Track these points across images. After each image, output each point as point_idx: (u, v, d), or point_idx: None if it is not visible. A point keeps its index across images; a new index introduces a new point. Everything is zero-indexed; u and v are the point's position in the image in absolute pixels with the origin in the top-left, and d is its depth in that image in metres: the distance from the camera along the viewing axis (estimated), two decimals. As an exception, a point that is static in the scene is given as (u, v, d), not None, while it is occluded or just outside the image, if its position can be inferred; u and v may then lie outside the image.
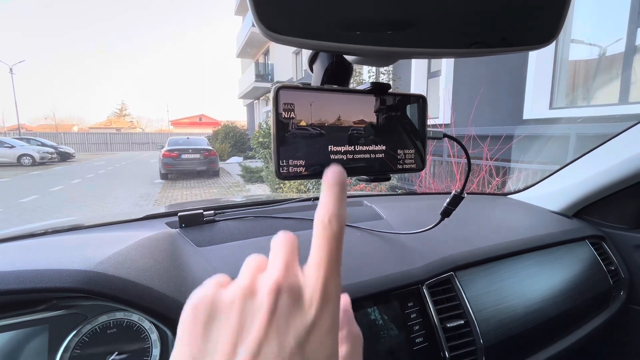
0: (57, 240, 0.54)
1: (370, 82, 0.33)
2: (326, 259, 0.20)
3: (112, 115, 52.38)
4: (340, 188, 0.21)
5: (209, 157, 8.64)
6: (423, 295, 0.57)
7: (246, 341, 0.17)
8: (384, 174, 0.34)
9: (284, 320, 0.18)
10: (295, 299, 0.19)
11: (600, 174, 0.87)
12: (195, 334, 0.18)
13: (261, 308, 0.18)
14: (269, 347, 0.17)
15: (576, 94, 3.53)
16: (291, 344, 0.17)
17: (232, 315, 0.18)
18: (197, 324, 0.18)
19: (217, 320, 0.18)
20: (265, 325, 0.17)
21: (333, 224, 0.20)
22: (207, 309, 0.19)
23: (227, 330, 0.18)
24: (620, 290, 0.86)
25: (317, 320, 0.18)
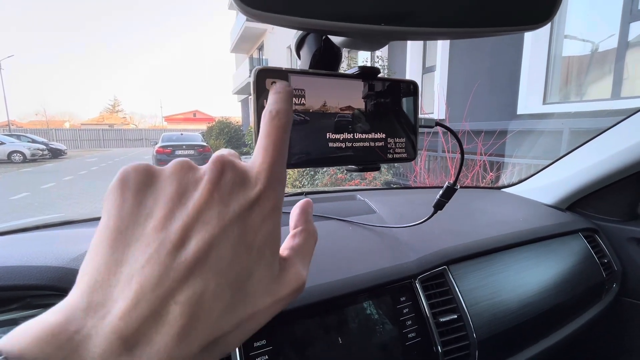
0: (35, 236, 0.52)
1: (359, 66, 0.31)
2: (272, 145, 0.19)
3: (104, 111, 51.69)
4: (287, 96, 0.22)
5: (204, 154, 8.57)
6: (416, 289, 0.56)
7: (184, 207, 0.16)
8: (373, 163, 0.32)
9: (226, 192, 0.17)
10: (239, 176, 0.18)
11: (593, 166, 0.87)
12: (124, 201, 0.16)
13: (204, 178, 0.17)
14: (208, 213, 0.16)
15: (569, 89, 3.54)
16: (232, 213, 0.17)
17: (171, 183, 0.17)
18: (127, 190, 0.16)
19: (152, 188, 0.17)
20: (207, 194, 0.17)
21: (280, 116, 0.20)
22: (140, 176, 0.17)
23: (164, 197, 0.16)
24: (612, 282, 0.86)
25: (261, 198, 0.18)
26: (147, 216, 0.16)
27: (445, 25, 0.28)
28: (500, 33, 0.29)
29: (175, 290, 0.14)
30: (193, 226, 0.16)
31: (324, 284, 0.49)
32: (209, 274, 0.15)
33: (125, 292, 0.14)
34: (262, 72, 0.26)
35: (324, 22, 0.25)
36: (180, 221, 0.15)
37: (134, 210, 0.16)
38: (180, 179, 0.17)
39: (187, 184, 0.17)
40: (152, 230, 0.15)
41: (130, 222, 0.15)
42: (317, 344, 0.46)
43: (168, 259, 0.15)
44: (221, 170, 0.18)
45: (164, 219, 0.16)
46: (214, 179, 0.17)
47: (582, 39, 3.41)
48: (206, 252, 0.15)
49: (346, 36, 0.32)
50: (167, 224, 0.15)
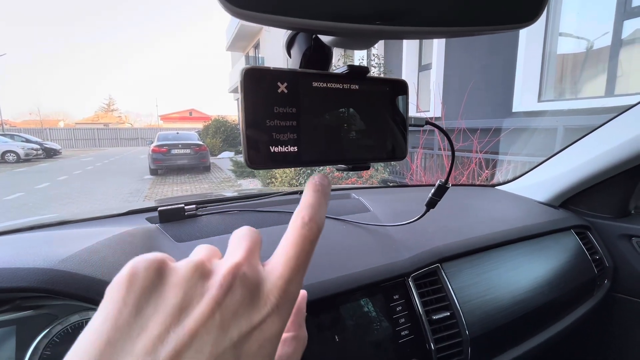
0: (27, 237, 0.52)
1: (348, 65, 0.31)
2: (296, 258, 0.18)
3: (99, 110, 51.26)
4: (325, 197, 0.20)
5: (200, 152, 8.52)
6: (409, 287, 0.56)
7: (181, 327, 0.15)
8: (362, 162, 0.32)
9: (230, 314, 0.16)
10: (249, 291, 0.17)
11: (585, 164, 0.88)
12: (125, 304, 0.15)
13: (210, 293, 0.16)
14: (203, 341, 0.15)
15: (564, 86, 3.57)
16: (229, 342, 0.16)
17: (176, 293, 0.16)
18: (132, 292, 0.15)
19: (156, 294, 0.16)
20: (208, 314, 0.15)
21: (312, 226, 0.19)
22: (149, 278, 0.16)
23: (164, 308, 0.15)
24: (604, 279, 0.87)
25: (265, 322, 0.17)
26: (141, 329, 0.15)
27: (436, 24, 0.28)
28: (490, 32, 0.29)
29: None
30: (184, 352, 0.15)
31: (317, 283, 0.50)
32: None
33: None
34: (250, 72, 0.26)
35: (314, 21, 0.25)
36: (172, 345, 0.15)
37: (130, 319, 0.15)
38: (187, 289, 0.16)
39: (192, 296, 0.16)
40: (142, 351, 0.14)
41: (123, 333, 0.15)
42: (310, 343, 0.46)
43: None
44: (230, 286, 0.16)
45: (157, 339, 0.15)
46: (219, 298, 0.16)
47: (577, 37, 3.43)
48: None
49: (337, 35, 0.32)
50: (158, 346, 0.15)
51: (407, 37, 0.31)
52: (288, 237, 0.19)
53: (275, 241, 0.56)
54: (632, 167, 0.82)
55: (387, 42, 5.93)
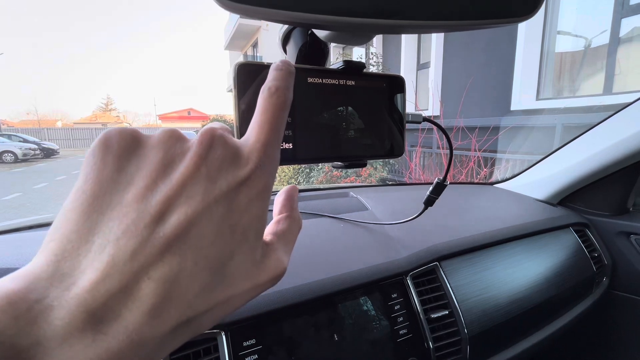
0: (23, 236, 0.51)
1: (343, 61, 0.31)
2: (269, 123, 0.19)
3: (97, 109, 51.05)
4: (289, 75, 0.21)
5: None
6: (407, 286, 0.56)
7: (169, 179, 0.15)
8: (359, 159, 0.32)
9: (214, 168, 0.16)
10: (229, 153, 0.17)
11: (583, 162, 0.87)
12: (105, 165, 0.15)
13: (192, 150, 0.16)
14: (193, 188, 0.15)
15: (562, 85, 3.57)
16: (218, 191, 0.16)
17: (156, 152, 0.16)
18: (109, 154, 0.15)
19: (135, 155, 0.16)
20: (194, 167, 0.16)
21: (280, 93, 0.20)
22: (124, 141, 0.16)
23: (147, 165, 0.15)
24: (603, 276, 0.87)
25: (251, 178, 0.17)
26: (127, 184, 0.15)
27: (433, 19, 0.27)
28: (488, 26, 0.29)
29: (149, 265, 0.13)
30: (176, 200, 0.15)
31: (315, 282, 0.49)
32: (188, 252, 0.14)
33: (95, 263, 0.13)
34: (243, 67, 0.26)
35: (310, 15, 0.24)
36: (162, 193, 0.15)
37: (114, 175, 0.15)
38: (167, 148, 0.16)
39: (173, 155, 0.16)
40: (132, 199, 0.14)
41: (108, 189, 0.14)
42: (307, 342, 0.46)
43: (145, 232, 0.14)
44: (210, 144, 0.16)
45: (145, 189, 0.15)
46: (202, 153, 0.16)
47: (575, 35, 3.43)
48: (187, 228, 0.14)
49: (333, 30, 0.31)
50: (148, 194, 0.14)
51: (404, 31, 0.30)
52: (259, 107, 0.20)
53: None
54: (631, 164, 0.82)
55: (385, 40, 5.92)
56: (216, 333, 0.41)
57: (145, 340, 0.13)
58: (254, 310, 0.43)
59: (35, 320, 0.12)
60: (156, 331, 0.13)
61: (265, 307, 0.44)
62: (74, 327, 0.12)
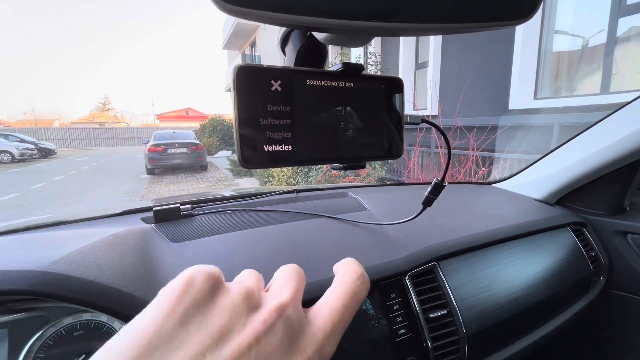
0: (21, 238, 0.51)
1: (342, 63, 0.31)
2: (341, 311, 0.18)
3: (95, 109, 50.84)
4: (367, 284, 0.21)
5: (196, 151, 8.49)
6: (406, 286, 0.56)
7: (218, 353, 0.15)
8: (358, 161, 0.32)
9: (268, 351, 0.16)
10: (289, 335, 0.17)
11: (580, 161, 0.88)
12: (174, 313, 0.15)
13: (252, 327, 0.16)
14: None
15: (560, 84, 3.58)
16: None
17: (222, 317, 0.16)
18: (183, 302, 0.16)
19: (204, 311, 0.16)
20: (246, 348, 0.15)
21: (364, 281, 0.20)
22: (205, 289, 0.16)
23: (207, 329, 0.15)
24: (600, 275, 0.87)
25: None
26: (182, 342, 0.15)
27: (431, 21, 0.28)
28: (485, 28, 0.29)
29: None
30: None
31: (313, 282, 0.49)
32: None
33: None
34: (243, 70, 0.26)
35: (309, 18, 0.25)
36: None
37: (174, 330, 0.15)
38: (233, 316, 0.16)
39: (235, 325, 0.16)
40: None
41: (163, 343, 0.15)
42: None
43: None
44: (273, 324, 0.16)
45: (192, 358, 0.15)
46: (259, 334, 0.16)
47: (572, 34, 3.44)
48: None
49: (331, 33, 0.31)
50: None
51: (403, 34, 0.31)
52: (337, 288, 0.19)
53: (272, 240, 0.57)
54: (628, 164, 0.83)
55: (383, 40, 5.92)
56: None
57: None
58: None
59: None
60: None
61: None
62: None
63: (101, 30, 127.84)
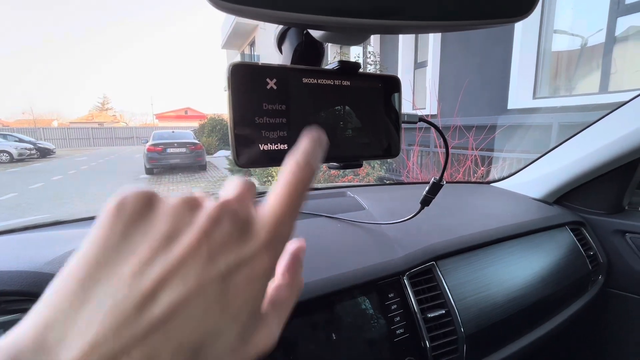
0: (14, 238, 0.51)
1: (338, 61, 0.31)
2: (288, 197, 0.18)
3: (93, 109, 50.72)
4: (320, 148, 0.20)
5: (195, 151, 8.47)
6: (404, 285, 0.56)
7: (168, 253, 0.15)
8: (355, 160, 0.32)
9: (216, 246, 0.16)
10: (238, 226, 0.17)
11: (579, 160, 0.88)
12: (113, 229, 0.15)
13: (198, 222, 0.16)
14: (189, 268, 0.15)
15: (559, 83, 3.58)
16: (215, 272, 0.16)
17: (164, 222, 0.16)
18: (119, 219, 0.16)
19: (144, 221, 0.16)
20: (196, 243, 0.15)
21: (307, 170, 0.19)
22: (138, 205, 0.16)
23: (152, 235, 0.16)
24: (598, 274, 0.87)
25: (254, 259, 0.17)
26: (129, 253, 0.15)
27: (429, 19, 0.27)
28: (483, 26, 0.29)
29: (132, 346, 0.13)
30: (170, 278, 0.15)
31: (312, 282, 0.49)
32: (172, 333, 0.14)
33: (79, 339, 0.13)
34: (238, 68, 0.25)
35: (305, 15, 0.24)
36: (157, 270, 0.15)
37: (119, 244, 0.15)
38: (176, 218, 0.16)
39: (180, 226, 0.16)
40: (128, 273, 0.14)
41: (110, 258, 0.15)
42: (304, 342, 0.46)
43: (133, 312, 0.14)
44: (218, 218, 0.16)
45: (143, 264, 0.15)
46: (207, 228, 0.16)
47: (571, 34, 3.45)
48: (174, 310, 0.14)
49: (328, 30, 0.31)
50: (144, 269, 0.15)
51: (400, 31, 0.30)
52: (281, 179, 0.19)
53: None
54: (626, 163, 0.83)
55: (383, 40, 5.92)
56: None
57: None
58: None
59: None
60: None
61: (261, 308, 0.44)
62: None
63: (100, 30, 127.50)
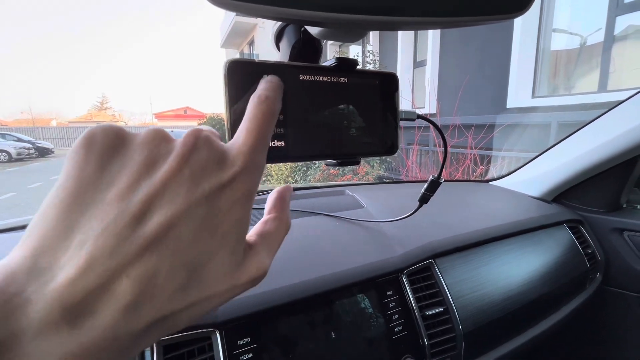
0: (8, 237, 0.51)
1: (336, 58, 0.31)
2: (257, 129, 0.19)
3: (92, 108, 50.61)
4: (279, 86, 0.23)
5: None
6: (402, 283, 0.56)
7: (151, 179, 0.15)
8: (352, 157, 0.32)
9: (197, 170, 0.16)
10: (214, 155, 0.17)
11: (577, 159, 0.88)
12: (87, 163, 0.15)
13: (176, 151, 0.16)
14: (175, 189, 0.15)
15: (558, 82, 3.59)
16: (200, 193, 0.16)
17: (140, 151, 0.16)
18: (91, 152, 0.15)
19: (119, 154, 0.16)
20: (177, 168, 0.16)
21: (269, 102, 0.20)
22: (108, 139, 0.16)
23: (131, 164, 0.15)
24: (596, 272, 0.87)
25: (235, 181, 0.17)
26: (109, 183, 0.15)
27: (426, 15, 0.27)
28: (481, 22, 0.29)
29: (128, 264, 0.14)
30: (157, 200, 0.15)
31: (310, 280, 0.49)
32: (166, 252, 0.15)
33: (74, 259, 0.13)
34: (234, 64, 0.25)
35: (303, 11, 0.24)
36: (143, 193, 0.15)
37: (96, 174, 0.15)
38: (151, 148, 0.16)
39: (157, 155, 0.16)
40: (113, 198, 0.14)
41: (90, 187, 0.14)
42: (302, 340, 0.46)
43: (125, 231, 0.14)
44: (194, 145, 0.17)
45: (127, 189, 0.15)
46: (185, 154, 0.16)
47: (570, 33, 3.45)
48: (166, 229, 0.15)
49: (326, 26, 0.31)
50: (129, 194, 0.15)
51: (398, 28, 0.30)
52: (248, 113, 0.20)
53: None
54: (624, 161, 0.83)
55: (382, 39, 5.91)
56: (210, 332, 0.41)
57: (118, 336, 0.13)
58: (249, 309, 0.43)
59: (13, 312, 0.12)
60: (130, 328, 0.14)
61: (260, 306, 0.44)
62: (51, 321, 0.12)
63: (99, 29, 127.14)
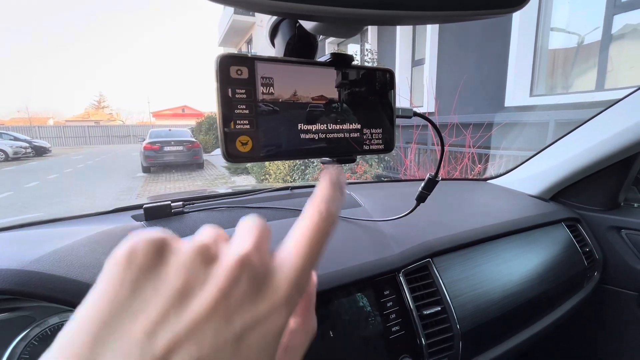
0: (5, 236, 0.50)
1: (331, 53, 0.30)
2: (309, 250, 0.17)
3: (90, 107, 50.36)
4: (341, 192, 0.20)
5: (193, 149, 8.44)
6: (399, 282, 0.55)
7: (183, 314, 0.14)
8: (348, 155, 0.31)
9: (233, 306, 0.15)
10: (257, 283, 0.16)
11: (575, 157, 0.88)
12: (123, 282, 0.14)
13: (215, 280, 0.15)
14: (204, 331, 0.14)
15: (555, 81, 3.59)
16: (230, 335, 0.15)
17: (177, 276, 0.15)
18: (130, 270, 0.14)
19: (155, 274, 0.15)
20: (213, 304, 0.14)
21: (331, 220, 0.18)
22: (149, 256, 0.15)
23: (165, 291, 0.14)
24: (594, 271, 0.87)
25: (270, 316, 0.16)
26: (139, 311, 0.14)
27: (422, 9, 0.27)
28: (478, 17, 0.28)
29: None
30: (184, 342, 0.14)
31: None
32: None
33: None
34: (226, 59, 0.25)
35: (297, 5, 0.24)
36: (171, 332, 0.14)
37: (129, 299, 0.14)
38: (190, 273, 0.15)
39: (194, 282, 0.15)
40: (140, 333, 0.14)
41: (120, 314, 0.14)
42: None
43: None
44: (237, 276, 0.15)
45: (155, 323, 0.14)
46: (225, 288, 0.15)
47: (568, 32, 3.45)
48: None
49: (321, 21, 0.30)
50: (157, 330, 0.14)
51: (395, 22, 0.30)
52: (302, 228, 0.18)
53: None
54: (622, 159, 0.83)
55: (380, 38, 5.90)
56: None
57: None
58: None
59: None
60: None
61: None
62: None
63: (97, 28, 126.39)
